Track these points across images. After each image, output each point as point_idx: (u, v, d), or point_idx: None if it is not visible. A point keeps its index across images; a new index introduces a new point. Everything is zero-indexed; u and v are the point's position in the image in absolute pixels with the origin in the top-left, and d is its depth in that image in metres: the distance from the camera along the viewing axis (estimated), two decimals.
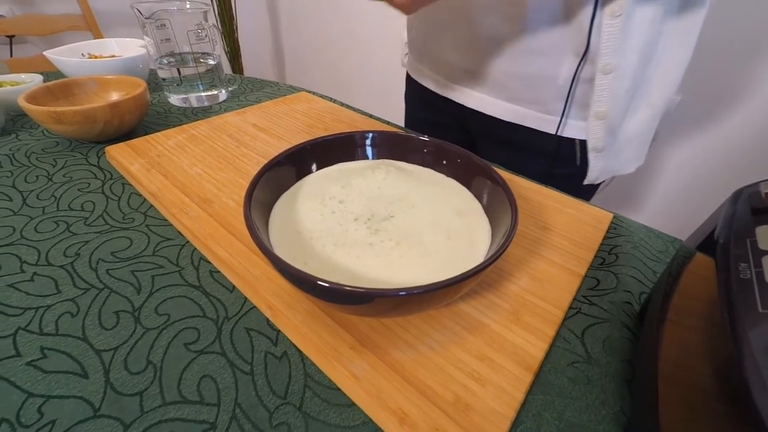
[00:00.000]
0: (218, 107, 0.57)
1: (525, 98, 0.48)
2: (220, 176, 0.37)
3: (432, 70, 0.57)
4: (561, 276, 0.28)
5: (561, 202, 0.36)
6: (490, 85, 0.50)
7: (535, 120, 0.49)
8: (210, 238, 0.30)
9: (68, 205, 0.35)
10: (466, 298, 0.26)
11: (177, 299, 0.27)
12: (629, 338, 0.26)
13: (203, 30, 0.54)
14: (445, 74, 0.55)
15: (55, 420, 0.20)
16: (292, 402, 0.21)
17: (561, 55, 0.43)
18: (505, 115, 0.50)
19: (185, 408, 0.21)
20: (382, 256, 0.23)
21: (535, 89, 0.47)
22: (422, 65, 0.58)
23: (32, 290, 0.27)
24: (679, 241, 0.35)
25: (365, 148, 0.32)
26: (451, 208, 0.27)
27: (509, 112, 0.50)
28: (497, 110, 0.51)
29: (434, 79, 0.57)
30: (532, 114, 0.49)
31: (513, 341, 0.23)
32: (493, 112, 0.51)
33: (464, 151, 0.30)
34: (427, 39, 0.55)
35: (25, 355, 0.23)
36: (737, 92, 0.81)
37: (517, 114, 0.49)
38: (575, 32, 0.41)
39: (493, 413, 0.20)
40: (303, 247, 0.24)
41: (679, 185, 0.97)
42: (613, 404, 0.22)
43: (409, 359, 0.22)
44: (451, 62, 0.52)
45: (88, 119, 0.41)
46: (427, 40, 0.55)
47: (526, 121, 0.49)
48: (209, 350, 0.24)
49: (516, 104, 0.49)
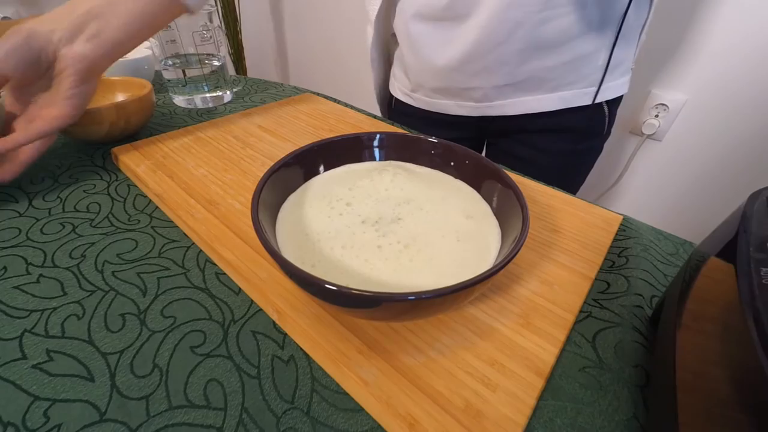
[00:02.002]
0: (223, 108, 0.57)
1: (568, 81, 0.50)
2: (225, 178, 0.37)
3: (458, 99, 0.56)
4: (571, 279, 0.28)
5: (570, 204, 0.36)
6: (531, 86, 0.51)
7: (578, 97, 0.51)
8: (216, 240, 0.30)
9: (74, 206, 0.35)
10: (475, 302, 0.26)
11: (183, 301, 0.27)
12: (641, 343, 0.25)
13: (208, 31, 0.53)
14: (475, 98, 0.54)
15: (61, 424, 0.20)
16: (299, 407, 0.21)
17: (600, 28, 0.46)
18: (550, 106, 0.52)
19: (192, 412, 0.20)
20: (390, 259, 0.23)
21: (577, 69, 0.49)
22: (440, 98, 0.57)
23: (38, 292, 0.27)
24: (689, 243, 0.35)
25: (372, 149, 0.32)
26: (460, 211, 0.27)
27: (555, 101, 0.51)
28: (541, 105, 0.52)
29: (462, 106, 0.56)
30: (575, 93, 0.51)
31: (524, 346, 0.23)
32: (537, 109, 0.52)
33: (473, 153, 0.29)
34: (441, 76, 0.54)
35: (31, 357, 0.23)
36: (744, 93, 0.81)
37: (563, 100, 0.51)
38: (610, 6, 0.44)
39: (505, 419, 0.20)
40: (311, 250, 0.23)
41: (684, 187, 0.96)
42: (626, 410, 0.21)
43: (419, 364, 0.22)
44: (482, 86, 0.52)
45: (94, 120, 0.41)
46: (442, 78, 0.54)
47: (572, 101, 0.51)
48: (215, 353, 0.23)
49: (560, 91, 0.51)
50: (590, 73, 0.50)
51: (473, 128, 0.59)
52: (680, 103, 0.88)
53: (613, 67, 0.50)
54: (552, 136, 0.55)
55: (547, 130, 0.54)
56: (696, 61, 0.83)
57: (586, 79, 0.50)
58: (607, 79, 0.50)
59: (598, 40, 0.47)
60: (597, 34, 0.47)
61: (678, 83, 0.87)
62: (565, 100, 0.51)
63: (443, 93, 0.56)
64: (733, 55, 0.79)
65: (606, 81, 0.50)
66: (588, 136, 0.56)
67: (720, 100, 0.84)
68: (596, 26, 0.46)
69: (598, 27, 0.46)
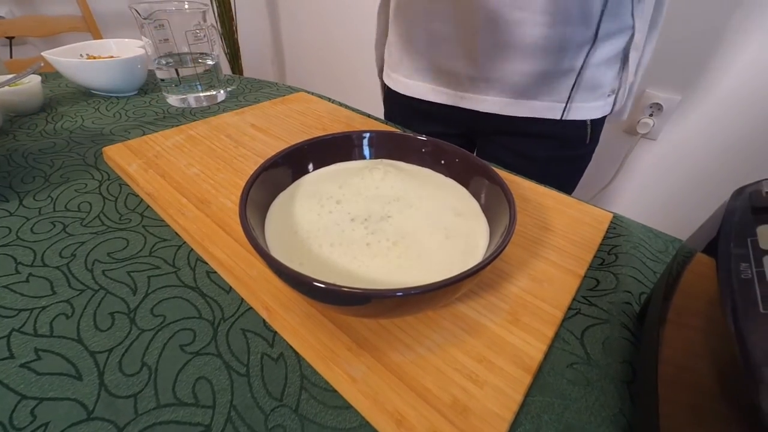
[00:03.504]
0: (217, 108, 0.57)
1: (539, 93, 0.50)
2: (217, 177, 0.37)
3: (433, 82, 0.56)
4: (560, 276, 0.28)
5: (560, 202, 0.36)
6: (504, 88, 0.51)
7: (547, 109, 0.51)
8: (207, 238, 0.30)
9: (65, 205, 0.35)
10: (464, 299, 0.26)
11: (173, 300, 0.26)
12: (629, 339, 0.25)
13: (201, 30, 0.53)
14: (451, 84, 0.54)
15: (48, 422, 0.20)
16: (288, 404, 0.21)
17: (578, 48, 0.46)
18: (519, 112, 0.52)
19: (180, 410, 0.21)
20: (379, 256, 0.23)
21: (548, 82, 0.49)
22: (418, 80, 0.58)
23: (27, 291, 0.27)
24: (678, 240, 0.35)
25: (363, 147, 0.32)
26: (449, 208, 0.27)
27: (525, 109, 0.51)
28: (511, 109, 0.52)
29: (437, 91, 0.56)
30: (544, 105, 0.51)
31: (512, 342, 0.23)
32: (507, 112, 0.52)
33: (462, 151, 0.30)
34: (420, 54, 0.54)
35: (18, 356, 0.23)
36: (737, 93, 0.81)
37: (532, 109, 0.51)
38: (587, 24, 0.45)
39: (492, 415, 0.20)
40: (299, 248, 0.23)
41: (678, 185, 0.97)
42: (612, 406, 0.22)
43: (407, 361, 0.22)
44: (458, 72, 0.52)
45: None
46: (421, 55, 0.54)
47: (541, 112, 0.51)
48: (205, 352, 0.23)
49: (530, 99, 0.51)
50: (561, 89, 0.49)
51: (456, 123, 0.59)
52: (675, 103, 0.88)
53: (587, 87, 0.49)
54: (535, 142, 0.54)
55: (530, 135, 0.54)
56: (690, 62, 0.83)
57: (557, 94, 0.50)
58: (576, 98, 0.50)
59: (570, 58, 0.47)
60: (568, 53, 0.46)
61: (672, 83, 0.88)
62: (534, 110, 0.51)
63: (423, 74, 0.56)
64: (727, 56, 0.79)
65: (575, 100, 0.50)
66: (571, 145, 0.55)
67: (713, 100, 0.84)
68: (569, 44, 0.45)
69: (570, 46, 0.46)
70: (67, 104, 0.56)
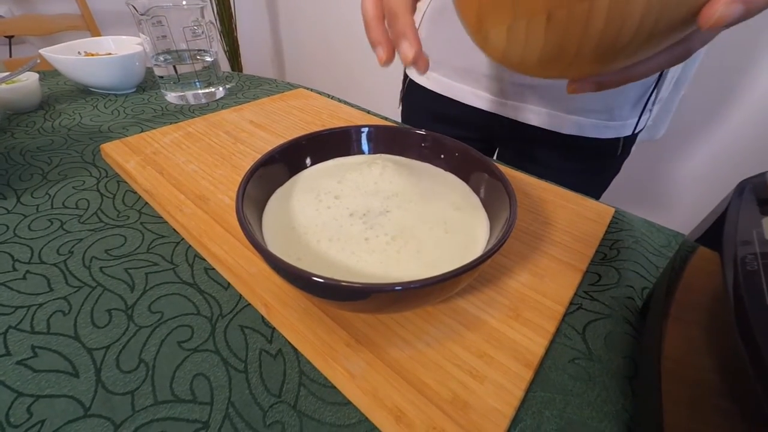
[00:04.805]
0: (215, 104, 0.56)
1: (591, 109, 0.46)
2: (216, 173, 0.37)
3: (476, 87, 0.52)
4: (562, 271, 0.28)
5: (562, 197, 0.36)
6: (551, 99, 0.47)
7: (595, 128, 0.47)
8: (205, 235, 0.29)
9: (62, 202, 0.35)
10: (464, 294, 0.25)
11: (171, 297, 0.26)
12: (631, 334, 0.25)
13: (200, 27, 0.53)
14: (493, 90, 0.51)
15: (45, 420, 0.19)
16: (286, 400, 0.21)
17: None
18: (563, 128, 0.48)
19: (177, 407, 0.20)
20: (377, 251, 0.23)
21: (606, 99, 0.45)
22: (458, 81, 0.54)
23: (24, 288, 0.26)
24: (681, 235, 0.35)
25: (361, 142, 0.32)
26: (448, 203, 0.27)
27: (569, 124, 0.47)
28: (555, 123, 0.48)
29: (477, 95, 0.53)
30: (592, 122, 0.47)
31: (512, 337, 0.23)
32: (549, 126, 0.48)
33: (462, 145, 0.29)
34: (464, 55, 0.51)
35: (15, 354, 0.22)
36: (739, 87, 0.81)
37: (578, 126, 0.47)
38: None
39: (492, 411, 0.19)
40: (297, 243, 0.23)
41: (681, 180, 0.96)
42: (614, 401, 0.21)
43: (406, 356, 0.22)
44: (502, 78, 0.49)
45: None
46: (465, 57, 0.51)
47: (585, 130, 0.47)
48: (203, 348, 0.23)
49: (579, 115, 0.47)
50: (616, 108, 0.46)
51: (482, 129, 0.56)
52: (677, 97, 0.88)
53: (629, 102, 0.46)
54: (562, 153, 0.51)
55: (557, 145, 0.51)
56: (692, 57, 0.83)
57: (610, 113, 0.46)
58: (622, 116, 0.47)
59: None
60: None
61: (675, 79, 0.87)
62: (580, 127, 0.47)
63: (463, 76, 0.53)
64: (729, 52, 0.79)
65: (618, 118, 0.47)
66: (601, 158, 0.51)
67: (716, 95, 0.84)
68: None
69: None
70: (65, 102, 0.56)
